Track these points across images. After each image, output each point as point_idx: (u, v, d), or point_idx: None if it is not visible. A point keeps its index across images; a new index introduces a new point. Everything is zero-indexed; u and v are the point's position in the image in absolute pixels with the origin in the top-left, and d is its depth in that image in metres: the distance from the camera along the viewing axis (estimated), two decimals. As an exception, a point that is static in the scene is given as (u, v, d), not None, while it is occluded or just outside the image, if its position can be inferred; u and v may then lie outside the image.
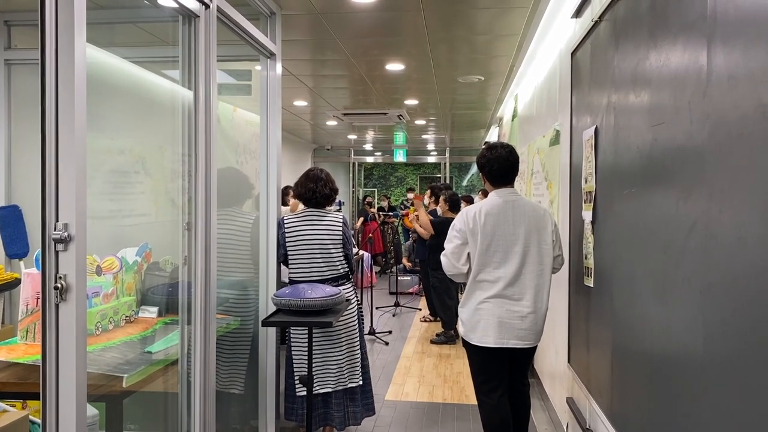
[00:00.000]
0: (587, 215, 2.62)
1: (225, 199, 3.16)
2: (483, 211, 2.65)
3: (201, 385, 2.37)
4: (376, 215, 11.34)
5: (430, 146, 12.75)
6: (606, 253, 2.38)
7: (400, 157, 12.27)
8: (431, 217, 6.01)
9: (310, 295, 2.84)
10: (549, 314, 2.71)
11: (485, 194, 2.91)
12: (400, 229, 11.89)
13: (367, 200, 11.69)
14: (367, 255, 8.25)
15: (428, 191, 6.90)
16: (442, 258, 2.73)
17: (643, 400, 1.84)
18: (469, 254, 2.66)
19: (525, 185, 4.83)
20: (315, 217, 3.30)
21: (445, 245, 2.74)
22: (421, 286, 8.75)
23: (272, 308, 3.11)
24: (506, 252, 2.62)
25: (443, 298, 5.98)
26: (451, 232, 2.72)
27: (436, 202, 6.68)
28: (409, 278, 8.86)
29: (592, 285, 2.57)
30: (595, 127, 2.52)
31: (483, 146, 2.89)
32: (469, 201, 7.85)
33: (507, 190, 2.71)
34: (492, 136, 9.40)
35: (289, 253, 3.28)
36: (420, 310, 7.74)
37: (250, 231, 3.33)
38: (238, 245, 3.31)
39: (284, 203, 5.58)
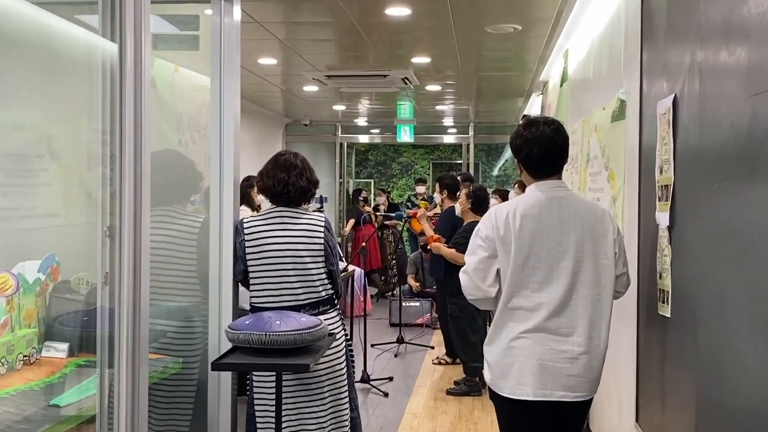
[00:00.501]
0: (662, 218, 2.62)
1: (162, 195, 3.15)
2: (518, 212, 2.66)
3: (127, 451, 2.37)
4: (373, 217, 11.36)
5: (448, 122, 12.77)
6: (689, 270, 2.38)
7: (405, 136, 12.28)
8: (431, 232, 6.08)
9: (280, 327, 2.83)
10: (609, 355, 2.70)
11: (523, 188, 2.94)
12: (405, 235, 11.92)
13: (361, 195, 11.72)
14: (359, 272, 8.27)
15: (438, 183, 6.91)
16: (462, 276, 2.72)
17: (738, 475, 1.84)
18: (498, 271, 2.66)
19: (577, 176, 4.84)
20: (286, 219, 3.30)
21: (466, 258, 2.74)
22: (435, 314, 8.79)
23: (227, 345, 3.11)
24: (550, 268, 2.62)
25: (465, 331, 5.99)
26: (475, 241, 2.72)
27: (452, 198, 6.69)
28: (417, 304, 8.87)
29: (668, 314, 2.57)
30: (673, 95, 2.52)
31: (520, 122, 2.90)
32: (503, 197, 7.87)
33: (552, 183, 2.72)
34: (533, 108, 9.41)
35: (250, 269, 3.28)
36: (432, 348, 7.74)
37: (197, 239, 3.33)
38: (180, 258, 3.31)
39: (246, 201, 5.58)
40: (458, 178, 7.49)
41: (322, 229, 3.31)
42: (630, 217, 3.25)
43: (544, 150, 2.69)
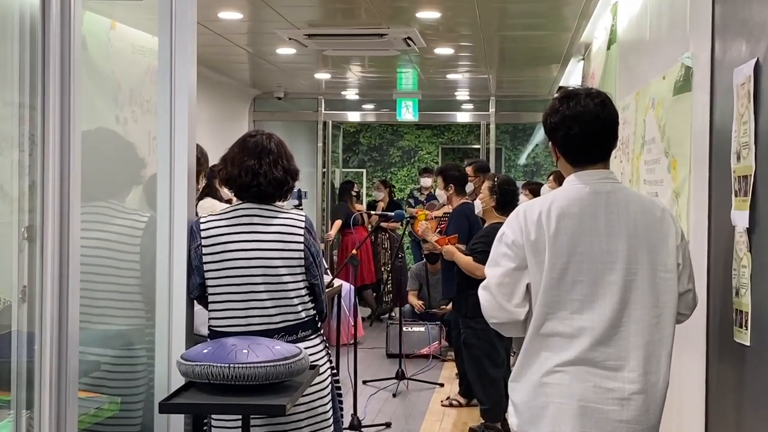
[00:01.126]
0: (740, 218, 2.63)
1: (96, 186, 3.14)
2: (554, 210, 2.66)
3: None
4: (365, 217, 11.36)
5: (461, 95, 12.78)
6: (774, 285, 2.39)
7: (407, 113, 12.30)
8: (439, 244, 6.08)
9: (247, 357, 2.83)
10: (670, 394, 2.70)
11: (560, 180, 2.93)
12: (406, 241, 11.92)
13: (354, 190, 11.72)
14: (347, 288, 8.26)
15: (439, 178, 6.91)
16: (482, 294, 2.73)
17: None
18: (528, 287, 2.67)
19: (628, 165, 4.85)
20: (256, 219, 3.30)
21: (487, 270, 2.75)
22: (445, 342, 8.79)
23: (180, 381, 3.10)
24: (594, 284, 2.62)
25: (482, 364, 6.00)
26: (498, 248, 2.73)
27: (461, 192, 6.69)
28: (421, 329, 8.88)
29: (748, 342, 2.57)
30: (755, 61, 2.52)
31: (555, 95, 2.90)
32: (535, 194, 7.87)
33: (598, 173, 2.72)
34: (571, 78, 9.41)
35: (209, 283, 3.29)
36: (441, 386, 7.74)
37: (140, 243, 3.33)
38: (119, 269, 3.30)
39: (207, 194, 5.59)
40: (468, 167, 7.52)
41: (301, 232, 3.32)
42: (697, 218, 3.25)
43: (587, 130, 2.69)
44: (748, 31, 2.66)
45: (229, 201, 5.64)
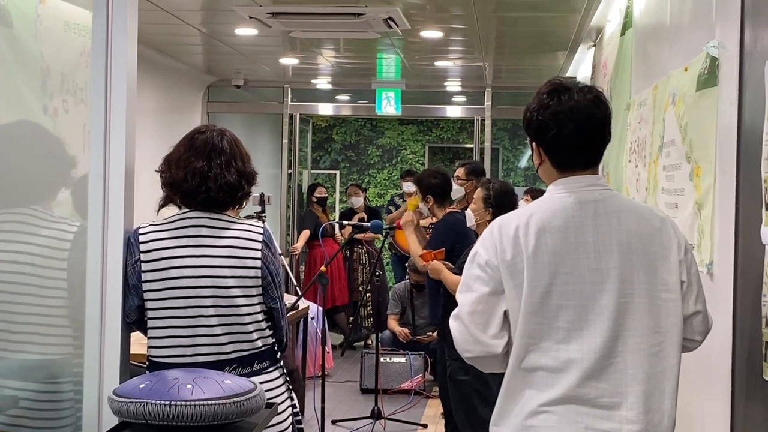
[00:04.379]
0: (772, 235, 2.63)
1: (15, 190, 3.15)
2: (533, 224, 2.67)
3: None
4: (337, 228, 11.33)
5: (452, 86, 12.79)
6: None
7: (389, 106, 12.31)
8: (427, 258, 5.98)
9: (192, 393, 2.81)
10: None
11: (536, 196, 2.91)
12: (386, 255, 11.89)
13: (316, 194, 11.69)
14: (316, 310, 8.23)
15: (418, 192, 6.81)
16: (453, 324, 2.75)
17: None
18: (506, 315, 2.68)
19: (644, 171, 4.86)
20: (204, 231, 3.31)
21: (459, 297, 2.76)
22: (431, 376, 8.77)
23: (112, 421, 3.08)
24: (583, 308, 2.63)
25: (472, 403, 5.98)
26: (470, 270, 2.74)
27: (442, 203, 6.63)
28: (402, 360, 8.85)
29: (780, 381, 2.57)
30: (790, 52, 2.53)
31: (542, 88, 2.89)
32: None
33: (585, 180, 2.74)
34: (580, 68, 9.44)
35: (148, 305, 3.29)
36: (425, 427, 7.74)
37: (68, 257, 3.32)
38: (42, 287, 3.28)
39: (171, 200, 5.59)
40: (459, 169, 7.46)
41: (259, 246, 3.32)
42: (724, 234, 3.26)
43: (581, 130, 2.70)
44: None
45: None
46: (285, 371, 3.48)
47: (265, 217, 8.14)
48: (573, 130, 2.69)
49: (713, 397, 3.28)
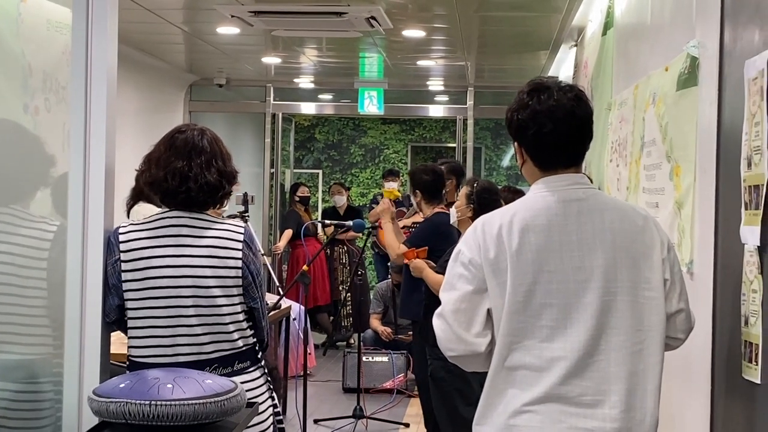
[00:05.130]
0: (750, 234, 2.64)
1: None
2: (516, 223, 2.68)
3: None
4: (319, 227, 11.32)
5: (435, 85, 12.79)
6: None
7: (371, 106, 12.31)
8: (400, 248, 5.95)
9: (172, 393, 2.80)
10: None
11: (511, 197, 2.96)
12: (369, 255, 11.89)
13: (298, 193, 11.68)
14: (298, 310, 8.22)
15: (410, 183, 6.87)
16: (436, 322, 2.75)
17: None
18: (489, 313, 2.69)
19: (625, 170, 4.87)
20: (185, 231, 3.30)
21: (442, 295, 2.76)
22: (412, 374, 8.77)
23: (92, 420, 3.06)
24: (567, 307, 2.63)
25: (453, 401, 5.98)
26: (454, 268, 2.74)
27: (432, 202, 6.64)
28: (384, 359, 8.86)
29: (758, 380, 2.58)
30: (769, 52, 2.54)
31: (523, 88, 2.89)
32: (509, 202, 7.87)
33: (568, 179, 2.75)
34: (562, 67, 9.46)
35: (128, 305, 3.28)
36: (407, 426, 7.74)
37: (47, 257, 3.30)
38: (22, 287, 3.27)
39: (142, 197, 5.58)
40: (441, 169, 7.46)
41: (239, 246, 3.32)
42: (704, 233, 3.27)
43: (561, 128, 2.71)
44: (762, 17, 2.67)
45: None
46: (266, 371, 3.47)
47: (248, 216, 8.11)
48: (552, 129, 2.70)
49: (693, 395, 3.29)
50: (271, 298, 6.81)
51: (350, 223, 7.45)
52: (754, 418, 2.68)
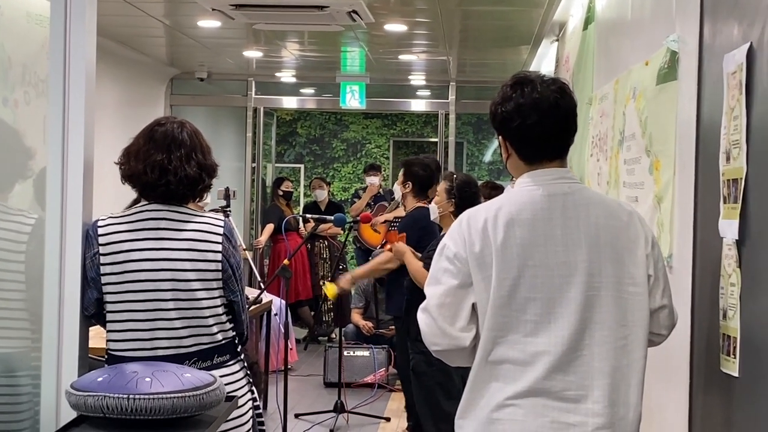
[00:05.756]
0: (729, 228, 2.65)
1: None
2: (502, 217, 2.67)
3: None
4: (301, 222, 11.30)
5: (416, 80, 12.79)
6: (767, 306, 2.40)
7: (353, 100, 12.28)
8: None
9: (151, 387, 2.79)
10: (649, 430, 2.72)
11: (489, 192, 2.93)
12: (350, 249, 11.88)
13: (282, 187, 11.66)
14: (278, 303, 8.21)
15: (402, 170, 6.87)
16: (421, 317, 2.74)
17: None
18: (474, 307, 2.68)
19: (606, 165, 4.88)
20: (164, 224, 3.29)
21: (427, 289, 2.75)
22: (394, 368, 8.77)
23: (70, 414, 3.05)
24: (551, 301, 2.64)
25: (435, 395, 5.99)
26: (439, 263, 2.74)
27: (420, 195, 6.66)
28: (366, 353, 8.86)
29: (736, 373, 2.59)
30: (747, 46, 2.55)
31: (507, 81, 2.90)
32: (494, 196, 7.87)
33: (553, 173, 2.75)
34: (543, 62, 9.46)
35: (107, 298, 3.27)
36: (388, 420, 7.74)
37: (25, 250, 3.29)
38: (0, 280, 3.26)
39: None
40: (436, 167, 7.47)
41: (219, 239, 3.31)
42: (683, 227, 3.28)
43: (545, 120, 2.71)
44: (741, 12, 2.68)
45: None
46: (246, 365, 3.47)
47: (229, 211, 8.10)
48: (536, 122, 2.70)
49: (672, 388, 3.30)
50: (252, 293, 6.80)
51: (331, 217, 7.44)
52: (733, 411, 2.69)
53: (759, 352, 2.46)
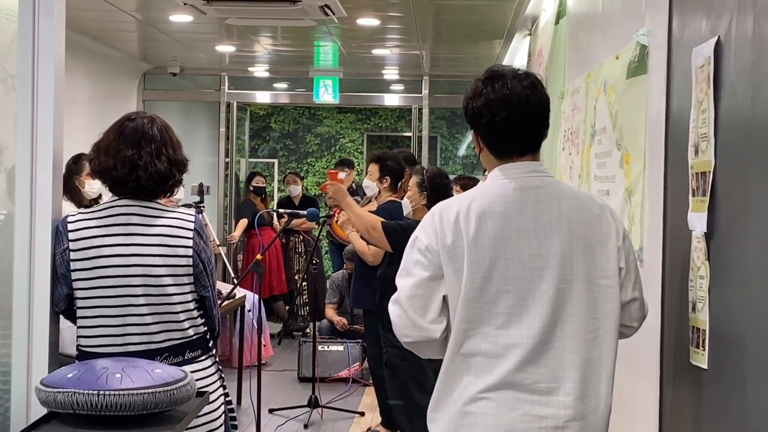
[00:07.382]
0: (697, 221, 2.67)
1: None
2: (474, 210, 2.68)
3: None
4: (275, 217, 11.29)
5: (390, 74, 12.80)
6: (735, 298, 2.42)
7: (326, 95, 12.28)
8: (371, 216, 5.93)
9: (121, 383, 2.79)
10: (618, 422, 2.73)
11: (464, 186, 2.90)
12: (324, 244, 11.88)
13: (253, 183, 11.63)
14: (252, 298, 8.20)
15: (374, 165, 6.87)
16: (392, 309, 2.74)
17: None
18: (445, 299, 2.69)
19: (578, 158, 4.90)
20: (135, 219, 3.29)
21: (398, 281, 2.76)
22: (367, 364, 8.78)
23: (40, 411, 3.04)
24: (523, 293, 2.64)
25: (408, 389, 6.00)
26: (410, 255, 2.74)
27: (395, 189, 6.68)
28: (340, 348, 8.87)
29: (705, 365, 2.61)
30: (715, 40, 2.56)
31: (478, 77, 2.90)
32: (468, 189, 7.89)
33: (525, 167, 2.75)
34: (516, 56, 9.48)
35: (77, 294, 3.26)
36: (362, 415, 7.75)
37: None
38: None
39: (69, 193, 5.49)
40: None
41: (190, 235, 3.30)
42: (653, 221, 3.30)
43: (514, 116, 2.71)
44: (709, 6, 2.69)
45: (93, 203, 5.57)
46: (217, 360, 3.47)
47: (203, 207, 8.07)
48: (506, 117, 2.70)
49: (642, 380, 3.31)
50: (225, 288, 6.78)
51: (304, 212, 7.43)
52: (702, 403, 2.71)
53: (727, 345, 2.48)
